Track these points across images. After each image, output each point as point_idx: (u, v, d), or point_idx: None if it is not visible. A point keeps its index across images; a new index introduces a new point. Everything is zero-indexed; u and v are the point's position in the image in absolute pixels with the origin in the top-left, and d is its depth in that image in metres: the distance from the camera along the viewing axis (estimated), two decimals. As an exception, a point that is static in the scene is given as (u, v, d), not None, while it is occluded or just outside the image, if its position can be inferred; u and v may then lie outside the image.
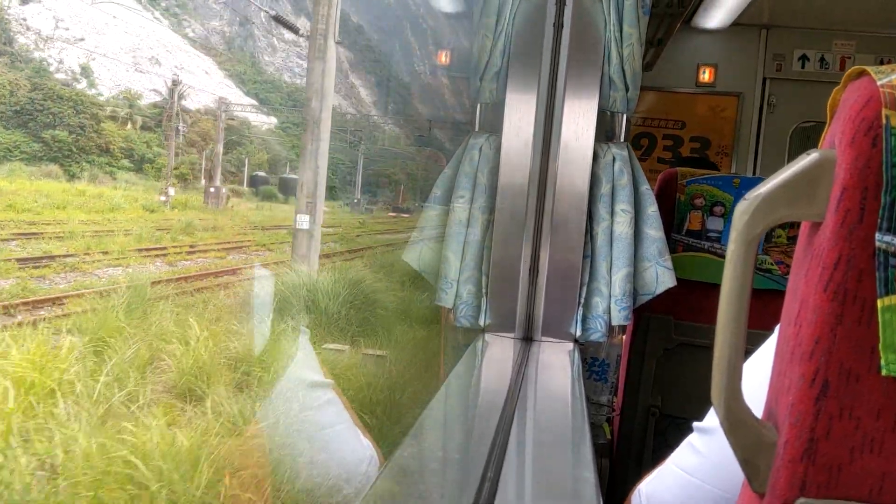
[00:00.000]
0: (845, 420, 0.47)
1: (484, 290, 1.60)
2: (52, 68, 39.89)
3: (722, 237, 1.87)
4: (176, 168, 30.75)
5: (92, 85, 40.28)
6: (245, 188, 33.54)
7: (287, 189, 33.94)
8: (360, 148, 35.41)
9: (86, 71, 41.60)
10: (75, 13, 43.33)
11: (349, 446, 1.12)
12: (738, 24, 3.85)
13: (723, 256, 1.46)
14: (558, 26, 1.52)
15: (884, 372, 0.45)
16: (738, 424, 0.51)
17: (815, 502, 0.47)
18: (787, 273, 1.36)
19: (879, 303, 0.45)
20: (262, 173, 37.20)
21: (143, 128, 35.74)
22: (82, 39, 42.90)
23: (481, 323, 1.60)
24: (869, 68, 0.48)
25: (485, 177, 1.61)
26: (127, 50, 43.57)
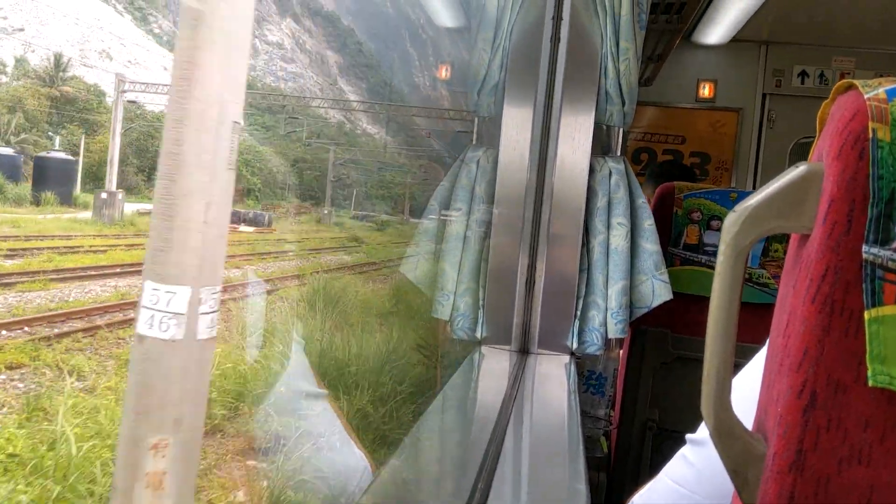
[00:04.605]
0: (833, 431, 0.47)
1: (481, 303, 1.60)
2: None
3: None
4: None
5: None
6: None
7: (46, 178, 23.55)
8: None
9: (21, 63, 39.03)
10: (16, 1, 41.75)
11: (342, 455, 1.12)
12: (738, 40, 3.87)
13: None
14: (555, 41, 1.53)
15: (871, 383, 0.45)
16: (727, 435, 0.51)
17: None
18: None
19: (866, 314, 0.46)
20: (7, 150, 26.80)
21: None
22: (21, 29, 41.34)
23: (478, 335, 1.60)
24: (857, 81, 0.48)
25: (482, 189, 1.61)
26: (74, 42, 41.92)
